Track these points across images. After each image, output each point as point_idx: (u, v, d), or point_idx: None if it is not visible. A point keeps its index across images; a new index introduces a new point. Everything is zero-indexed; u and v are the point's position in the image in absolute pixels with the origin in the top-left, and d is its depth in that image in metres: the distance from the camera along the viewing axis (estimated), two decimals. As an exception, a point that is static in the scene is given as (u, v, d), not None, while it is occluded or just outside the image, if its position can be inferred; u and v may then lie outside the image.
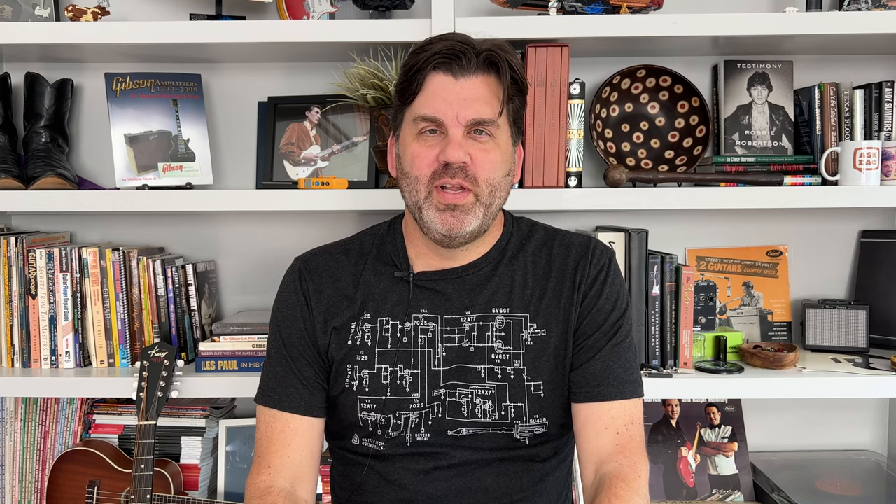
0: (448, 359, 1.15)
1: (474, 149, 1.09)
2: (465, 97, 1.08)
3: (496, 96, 1.11)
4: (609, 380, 1.14)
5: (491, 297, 1.17)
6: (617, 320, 1.17)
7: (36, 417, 1.74)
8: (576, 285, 1.17)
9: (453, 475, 1.14)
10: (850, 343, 1.69)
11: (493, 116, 1.10)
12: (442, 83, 1.09)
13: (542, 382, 1.14)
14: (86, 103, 1.81)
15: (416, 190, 1.11)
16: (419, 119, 1.10)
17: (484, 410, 1.13)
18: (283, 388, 1.18)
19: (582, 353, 1.16)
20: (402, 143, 1.15)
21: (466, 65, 1.09)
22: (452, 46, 1.09)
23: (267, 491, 1.13)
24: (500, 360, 1.15)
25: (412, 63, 1.10)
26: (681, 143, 1.72)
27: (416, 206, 1.12)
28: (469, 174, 1.09)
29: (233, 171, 1.81)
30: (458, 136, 1.08)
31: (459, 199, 1.09)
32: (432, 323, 1.16)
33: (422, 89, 1.10)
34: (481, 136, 1.10)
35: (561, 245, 1.21)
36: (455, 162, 1.08)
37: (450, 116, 1.08)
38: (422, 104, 1.10)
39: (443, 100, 1.09)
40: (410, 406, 1.14)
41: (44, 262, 1.61)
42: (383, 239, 1.24)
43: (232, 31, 1.54)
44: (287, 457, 1.16)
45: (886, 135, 1.63)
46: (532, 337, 1.16)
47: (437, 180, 1.09)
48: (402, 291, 1.18)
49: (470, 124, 1.09)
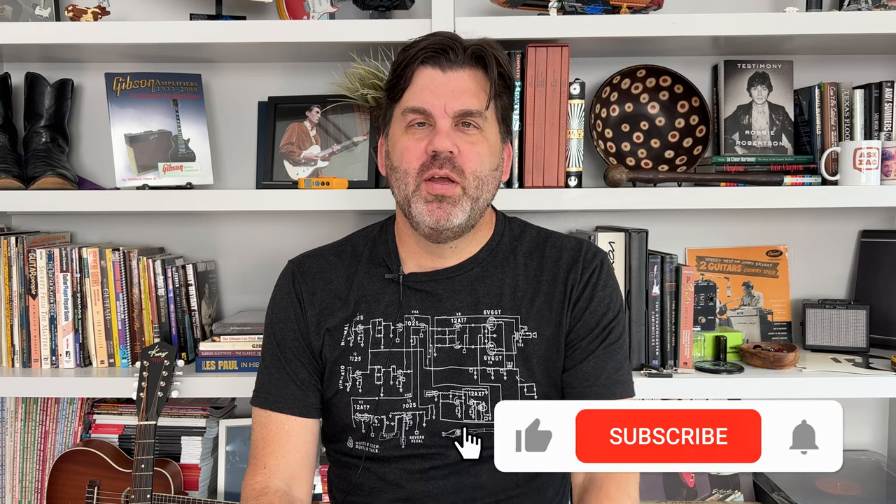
0: (439, 359, 1.16)
1: (462, 140, 1.10)
2: (452, 89, 1.10)
3: (483, 90, 1.12)
4: (601, 380, 1.15)
5: (481, 299, 1.18)
6: (609, 322, 1.18)
7: (36, 417, 1.74)
8: (567, 289, 1.18)
9: (449, 473, 1.15)
10: (850, 343, 1.69)
11: (480, 108, 1.11)
12: (430, 76, 1.11)
13: (534, 384, 1.15)
14: (86, 103, 1.81)
15: (405, 184, 1.12)
16: (408, 111, 1.11)
17: (478, 412, 1.14)
18: (278, 390, 1.19)
19: (575, 354, 1.17)
20: (391, 139, 1.16)
21: (454, 58, 1.10)
22: (440, 41, 1.10)
23: (263, 492, 1.14)
24: (492, 362, 1.15)
25: (400, 59, 1.12)
26: (681, 143, 1.72)
27: (405, 201, 1.12)
28: (456, 165, 1.09)
29: (233, 171, 1.81)
30: (445, 126, 1.09)
31: (447, 189, 1.09)
32: (423, 324, 1.17)
33: (410, 84, 1.11)
34: (469, 128, 1.11)
35: (553, 247, 1.22)
36: (442, 151, 1.08)
37: (437, 107, 1.09)
38: (410, 97, 1.11)
39: (430, 92, 1.10)
40: (403, 406, 1.15)
41: (44, 262, 1.61)
42: (375, 240, 1.25)
43: (232, 31, 1.54)
44: (282, 458, 1.16)
45: (886, 135, 1.63)
46: (523, 339, 1.16)
47: (425, 172, 1.10)
48: (394, 293, 1.19)
49: (457, 115, 1.10)
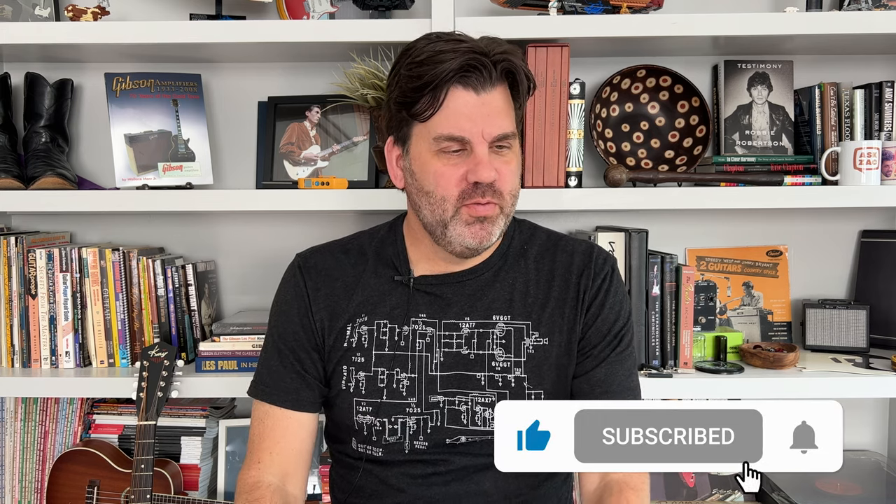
0: (446, 364, 1.15)
1: (499, 163, 1.07)
2: (487, 112, 1.05)
3: (511, 107, 1.09)
4: (614, 387, 1.15)
5: (491, 304, 1.16)
6: (620, 329, 1.18)
7: (36, 417, 1.74)
8: (580, 295, 1.17)
9: (451, 479, 1.14)
10: (850, 343, 1.69)
11: (513, 129, 1.09)
12: (463, 100, 1.05)
13: (542, 392, 1.14)
14: (86, 103, 1.81)
15: (443, 210, 1.08)
16: (442, 139, 1.06)
17: (484, 418, 1.13)
18: (276, 382, 1.19)
19: (587, 361, 1.16)
20: (417, 160, 1.10)
21: (487, 77, 1.05)
22: (470, 60, 1.03)
23: (256, 486, 1.14)
24: (500, 368, 1.14)
25: (425, 76, 1.04)
26: (681, 143, 1.72)
27: (440, 224, 1.09)
28: (496, 190, 1.07)
29: (233, 171, 1.81)
30: (485, 154, 1.06)
31: (489, 211, 1.08)
32: (430, 328, 1.16)
33: (441, 107, 1.05)
34: (503, 150, 1.08)
35: (564, 252, 1.20)
36: (486, 181, 1.05)
37: (475, 134, 1.05)
38: (443, 123, 1.05)
39: (466, 117, 1.05)
40: (407, 410, 1.14)
41: (44, 262, 1.61)
42: (383, 241, 1.23)
43: (232, 31, 1.54)
44: (277, 453, 1.17)
45: (886, 135, 1.63)
46: (534, 345, 1.15)
47: (466, 199, 1.07)
48: (402, 295, 1.17)
49: (494, 140, 1.07)
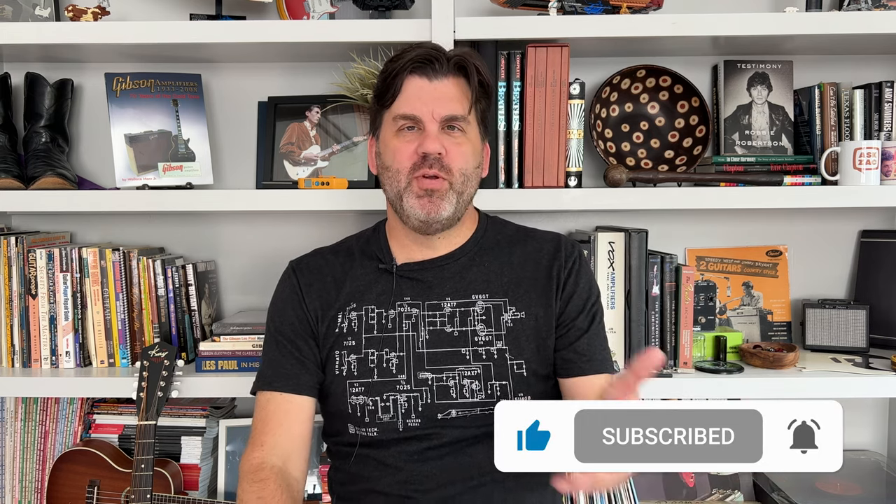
0: (432, 341, 1.23)
1: (448, 142, 1.21)
2: (438, 96, 1.21)
3: (465, 96, 1.23)
4: (597, 356, 1.26)
5: (469, 285, 1.27)
6: (593, 304, 1.29)
7: (36, 417, 1.74)
8: (552, 275, 1.27)
9: (446, 453, 1.20)
10: (850, 343, 1.69)
11: (463, 113, 1.22)
12: (418, 85, 1.21)
13: (524, 361, 1.22)
14: (86, 103, 1.81)
15: (398, 181, 1.22)
16: (399, 118, 1.22)
17: (472, 390, 1.20)
18: (276, 371, 1.27)
19: (570, 332, 1.25)
20: (382, 142, 1.26)
21: (439, 68, 1.21)
22: (426, 52, 1.21)
23: (259, 467, 1.19)
24: (482, 342, 1.23)
25: (389, 70, 1.23)
26: (681, 143, 1.72)
27: (396, 197, 1.23)
28: (444, 165, 1.20)
29: (233, 171, 1.81)
30: (434, 130, 1.20)
31: (436, 184, 1.20)
32: (415, 309, 1.25)
33: (400, 92, 1.22)
34: (454, 131, 1.22)
35: (534, 240, 1.33)
36: (432, 152, 1.19)
37: (426, 113, 1.20)
38: (401, 104, 1.22)
39: (419, 99, 1.20)
40: (397, 388, 1.21)
41: (44, 262, 1.61)
42: (368, 239, 1.35)
43: (232, 31, 1.54)
44: (280, 436, 1.22)
45: (886, 135, 1.63)
46: (512, 319, 1.25)
47: (416, 171, 1.20)
48: (387, 282, 1.28)
49: (444, 120, 1.20)
